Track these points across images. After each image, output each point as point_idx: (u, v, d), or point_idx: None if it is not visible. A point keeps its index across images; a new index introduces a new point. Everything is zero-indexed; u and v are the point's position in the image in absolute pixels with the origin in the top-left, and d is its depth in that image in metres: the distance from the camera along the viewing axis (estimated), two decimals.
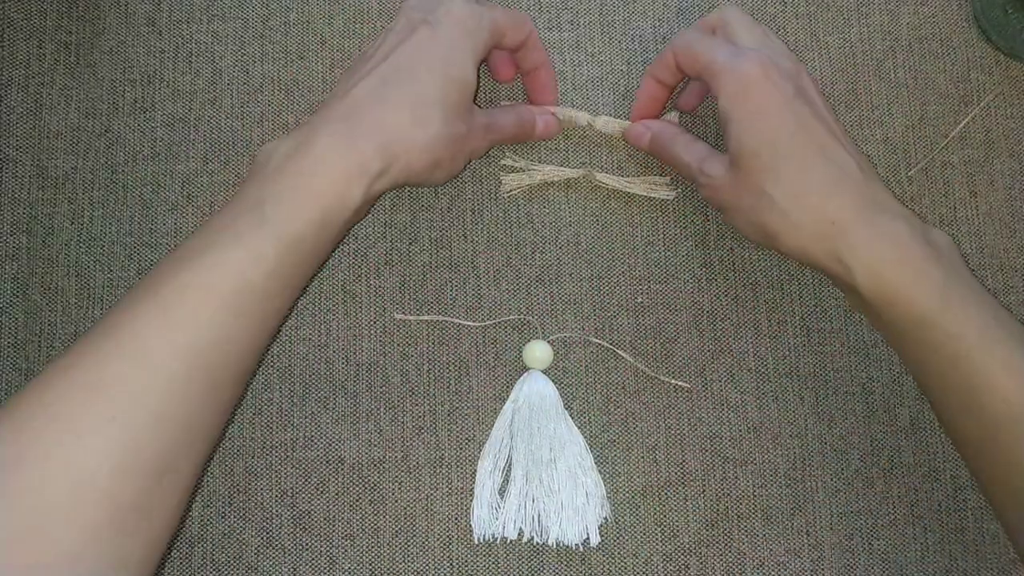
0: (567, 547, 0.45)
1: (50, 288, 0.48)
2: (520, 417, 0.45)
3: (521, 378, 0.46)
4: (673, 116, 0.49)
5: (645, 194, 0.49)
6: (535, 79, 0.49)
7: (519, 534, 0.45)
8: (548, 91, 0.49)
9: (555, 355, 0.47)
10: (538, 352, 0.46)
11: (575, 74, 0.51)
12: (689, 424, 0.47)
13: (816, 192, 0.40)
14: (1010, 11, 0.50)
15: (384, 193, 0.42)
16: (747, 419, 0.48)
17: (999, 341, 0.38)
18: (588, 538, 0.44)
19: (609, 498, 0.46)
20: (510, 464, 0.46)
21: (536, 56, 0.48)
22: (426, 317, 0.48)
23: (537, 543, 0.45)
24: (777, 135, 0.41)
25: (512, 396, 0.46)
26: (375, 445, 0.47)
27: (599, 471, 0.46)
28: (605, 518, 0.45)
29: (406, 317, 0.47)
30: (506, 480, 0.46)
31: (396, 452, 0.47)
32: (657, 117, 0.49)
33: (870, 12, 0.52)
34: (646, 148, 0.48)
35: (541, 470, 0.44)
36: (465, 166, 0.45)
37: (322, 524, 0.46)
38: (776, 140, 0.41)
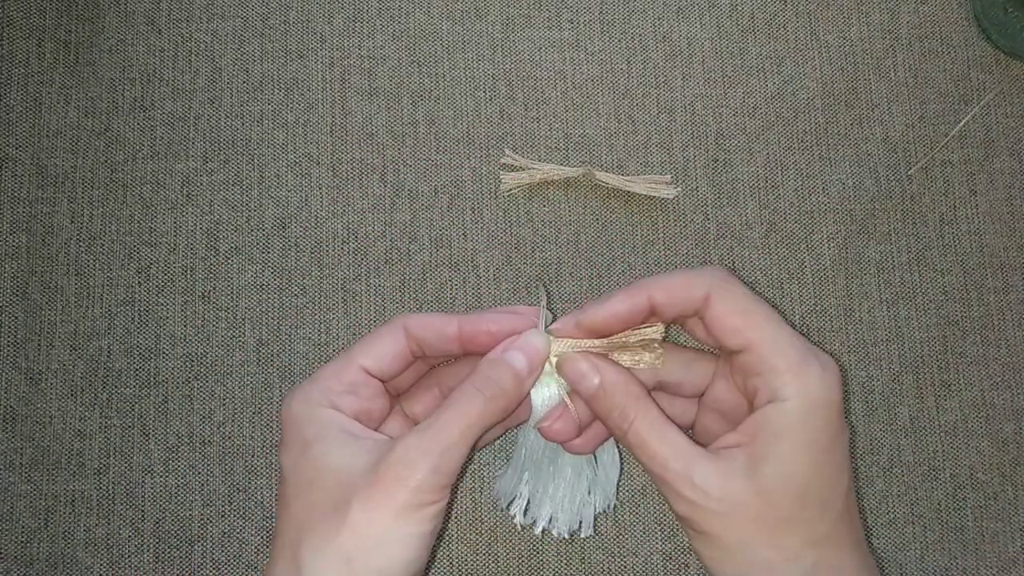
0: (577, 537, 0.42)
1: (50, 287, 0.48)
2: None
3: None
4: (657, 331, 0.37)
5: (645, 193, 0.49)
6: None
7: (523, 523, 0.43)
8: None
9: None
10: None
11: (575, 73, 0.51)
12: None
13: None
14: (1010, 10, 0.50)
15: None
16: None
17: None
18: (582, 526, 0.42)
19: None
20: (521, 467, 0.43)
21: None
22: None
23: (547, 532, 0.42)
24: (838, 480, 0.34)
25: None
26: None
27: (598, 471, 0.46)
28: (608, 506, 0.43)
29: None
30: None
31: None
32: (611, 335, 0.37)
33: (870, 11, 0.52)
34: (586, 400, 0.37)
35: (544, 464, 0.43)
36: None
37: None
38: (836, 485, 0.34)
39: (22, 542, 0.46)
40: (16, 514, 0.46)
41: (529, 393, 0.38)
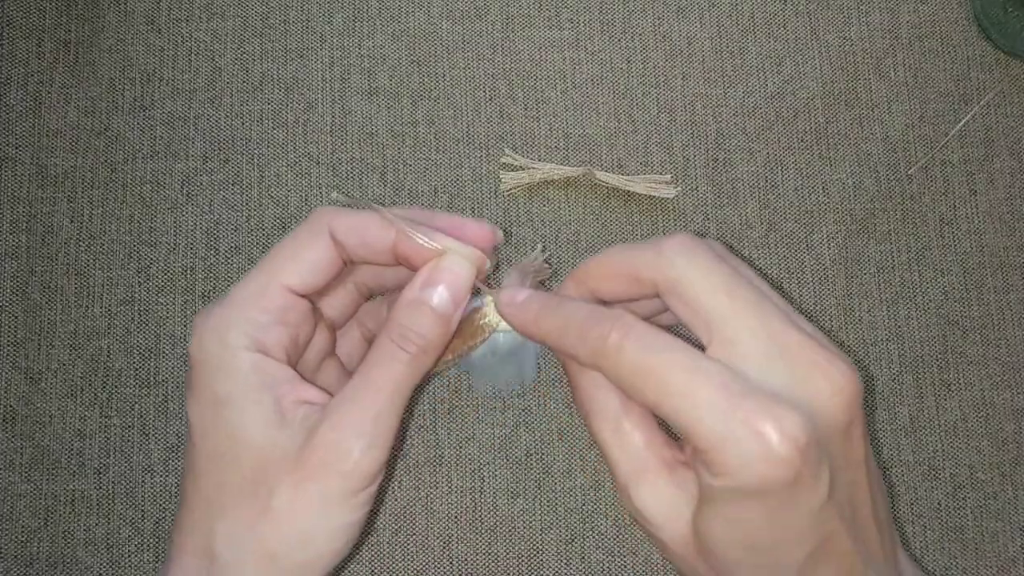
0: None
1: (49, 286, 0.48)
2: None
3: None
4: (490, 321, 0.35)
5: (645, 192, 0.49)
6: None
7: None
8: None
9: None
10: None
11: (575, 73, 0.51)
12: None
13: None
14: (1010, 9, 0.50)
15: None
16: None
17: None
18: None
19: (608, 496, 0.46)
20: None
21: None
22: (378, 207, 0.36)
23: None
24: (797, 545, 0.29)
25: None
26: None
27: (598, 470, 0.46)
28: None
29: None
30: None
31: (395, 450, 0.47)
32: None
33: (870, 10, 0.52)
34: (551, 343, 0.33)
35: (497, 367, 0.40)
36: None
37: None
38: (794, 549, 0.29)
39: (22, 542, 0.46)
40: (16, 514, 0.46)
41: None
